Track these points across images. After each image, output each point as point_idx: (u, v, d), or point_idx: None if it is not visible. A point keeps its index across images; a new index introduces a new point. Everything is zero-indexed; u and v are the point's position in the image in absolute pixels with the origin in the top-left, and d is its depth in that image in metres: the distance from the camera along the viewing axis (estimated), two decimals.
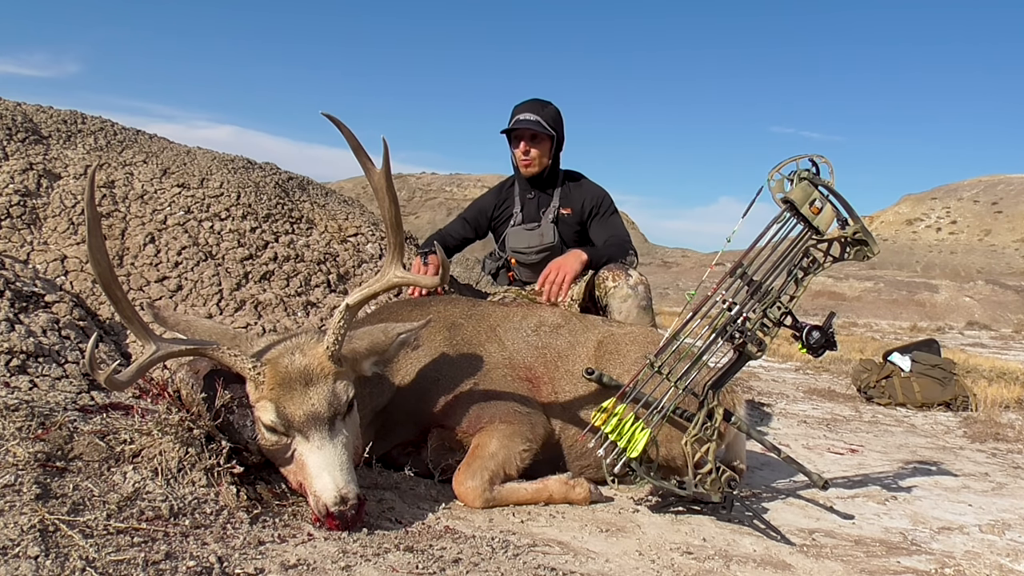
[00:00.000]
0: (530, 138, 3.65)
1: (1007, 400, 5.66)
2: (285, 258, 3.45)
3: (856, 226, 2.47)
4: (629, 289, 3.40)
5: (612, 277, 3.44)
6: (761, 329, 2.47)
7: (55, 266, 2.95)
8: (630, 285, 3.41)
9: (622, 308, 3.38)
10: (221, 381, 2.00)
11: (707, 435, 2.43)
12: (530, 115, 3.63)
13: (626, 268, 3.50)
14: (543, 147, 3.67)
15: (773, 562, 2.14)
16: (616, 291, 3.42)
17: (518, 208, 3.80)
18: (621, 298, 3.40)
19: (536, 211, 3.77)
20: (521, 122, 3.62)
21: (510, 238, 3.76)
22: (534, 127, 3.61)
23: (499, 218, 3.87)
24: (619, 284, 3.42)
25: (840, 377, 7.10)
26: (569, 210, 3.74)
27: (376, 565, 1.70)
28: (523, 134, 3.66)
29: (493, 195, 3.93)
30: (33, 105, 3.78)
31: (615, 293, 3.41)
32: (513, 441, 2.37)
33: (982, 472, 3.61)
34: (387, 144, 2.01)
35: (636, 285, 3.42)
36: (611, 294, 3.42)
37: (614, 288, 3.42)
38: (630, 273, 3.46)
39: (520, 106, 3.70)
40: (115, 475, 1.80)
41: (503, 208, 3.86)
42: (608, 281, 3.44)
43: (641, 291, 3.43)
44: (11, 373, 2.27)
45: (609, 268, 3.48)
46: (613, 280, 3.43)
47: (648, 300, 3.47)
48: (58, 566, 1.41)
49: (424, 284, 2.23)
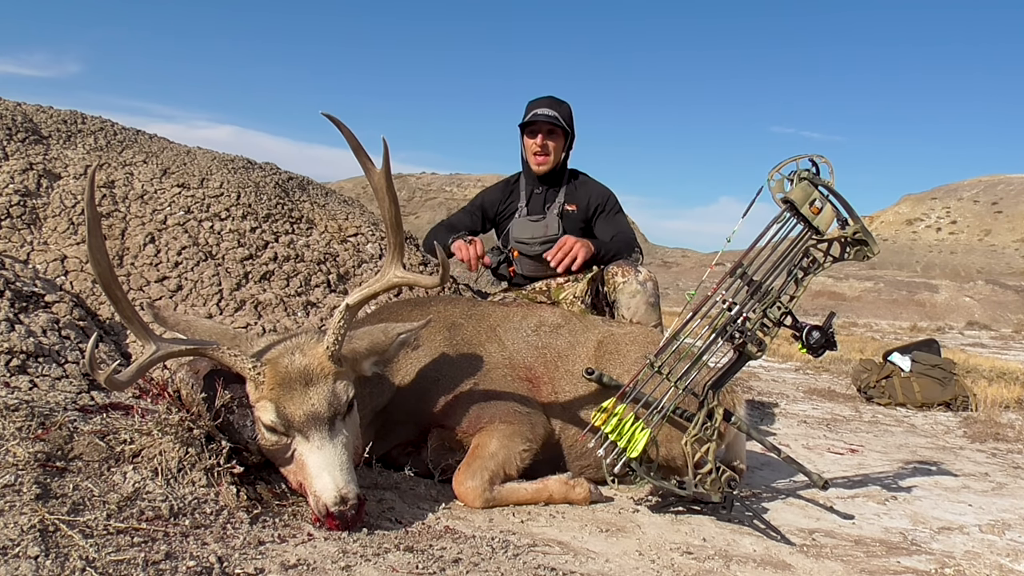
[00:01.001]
0: (547, 132, 3.68)
1: (1007, 400, 5.66)
2: (285, 258, 3.45)
3: (856, 226, 2.47)
4: (639, 285, 3.41)
5: (621, 273, 3.45)
6: (761, 329, 2.47)
7: (55, 266, 2.95)
8: (639, 281, 3.42)
9: (631, 304, 3.38)
10: (221, 381, 2.00)
11: (707, 435, 2.43)
12: (548, 110, 3.67)
13: (635, 264, 3.51)
14: (558, 142, 3.70)
15: (773, 562, 2.14)
16: (625, 287, 3.42)
17: (523, 202, 3.81)
18: (630, 294, 3.40)
19: (541, 205, 3.78)
20: (540, 115, 3.65)
21: (514, 228, 3.76)
22: (552, 121, 3.63)
23: (503, 212, 3.87)
24: (628, 280, 3.42)
25: (840, 377, 7.10)
26: (574, 206, 3.75)
27: (376, 565, 1.70)
28: (541, 127, 3.68)
29: (499, 190, 3.94)
30: (33, 105, 3.78)
31: (624, 288, 3.42)
32: (513, 441, 2.37)
33: (982, 472, 3.61)
34: (387, 144, 2.01)
35: (645, 281, 3.43)
36: (620, 289, 3.42)
37: (623, 284, 3.42)
38: (639, 269, 3.47)
39: (536, 101, 3.74)
40: (115, 475, 1.80)
41: (508, 203, 3.87)
42: (617, 277, 3.45)
43: (650, 288, 3.44)
44: (11, 373, 2.26)
45: (618, 264, 3.49)
46: (623, 276, 3.44)
47: (656, 297, 3.48)
48: (58, 566, 1.41)
49: (424, 284, 2.23)
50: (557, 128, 3.66)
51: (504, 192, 3.90)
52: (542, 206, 3.77)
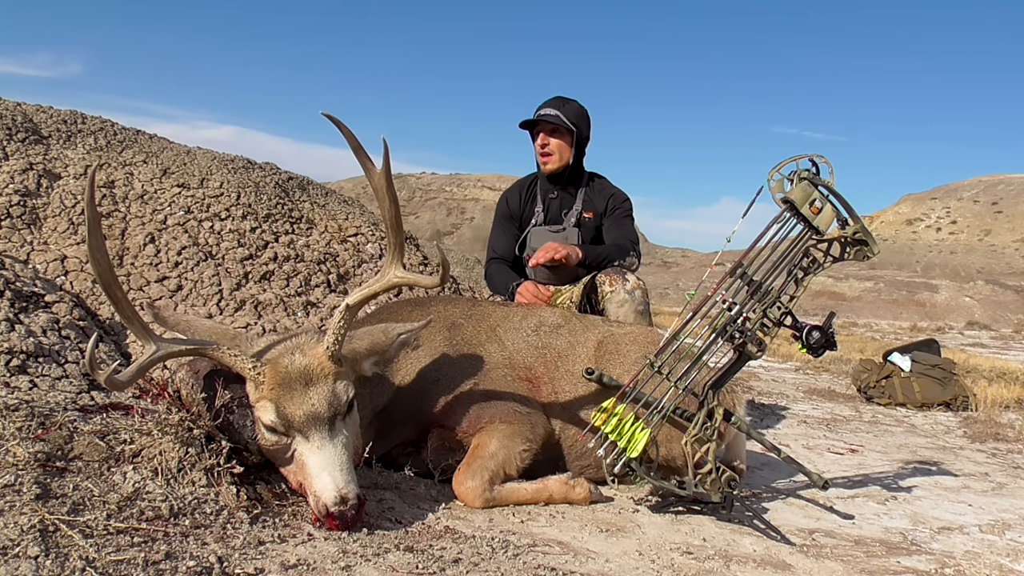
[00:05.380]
0: (550, 131, 3.66)
1: (1007, 400, 5.66)
2: (285, 258, 3.45)
3: (856, 226, 2.47)
4: (626, 294, 3.39)
5: (609, 282, 3.44)
6: (761, 329, 2.47)
7: (55, 266, 2.95)
8: (627, 290, 3.40)
9: (619, 313, 3.38)
10: (221, 381, 2.00)
11: (707, 435, 2.43)
12: (551, 109, 3.66)
13: (623, 272, 3.48)
14: (563, 141, 3.67)
15: (773, 562, 2.14)
16: (613, 296, 3.40)
17: (540, 207, 3.78)
18: (617, 303, 3.38)
19: (559, 212, 3.75)
20: (541, 115, 3.64)
21: (533, 238, 3.73)
22: (553, 120, 3.62)
23: (523, 217, 3.84)
24: (616, 289, 3.41)
25: (840, 377, 7.10)
26: (591, 214, 3.73)
27: (376, 565, 1.70)
28: (543, 127, 3.67)
29: (515, 196, 3.87)
30: (33, 105, 3.78)
31: (612, 298, 3.40)
32: (513, 441, 2.37)
33: (982, 472, 3.61)
34: (387, 144, 2.01)
35: (633, 290, 3.41)
36: (608, 299, 3.41)
37: (611, 293, 3.41)
38: (627, 277, 3.45)
39: (544, 102, 3.73)
40: (115, 475, 1.80)
41: (526, 207, 3.82)
42: (605, 286, 3.44)
43: (638, 296, 3.42)
44: (11, 373, 2.27)
45: (607, 272, 3.48)
46: (610, 285, 3.43)
47: (645, 304, 3.45)
48: (58, 566, 1.41)
49: (424, 284, 2.23)
50: (560, 127, 3.64)
51: (521, 196, 3.84)
52: (559, 212, 3.75)
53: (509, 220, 3.84)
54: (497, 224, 3.90)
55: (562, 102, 3.70)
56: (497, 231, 3.88)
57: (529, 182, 3.87)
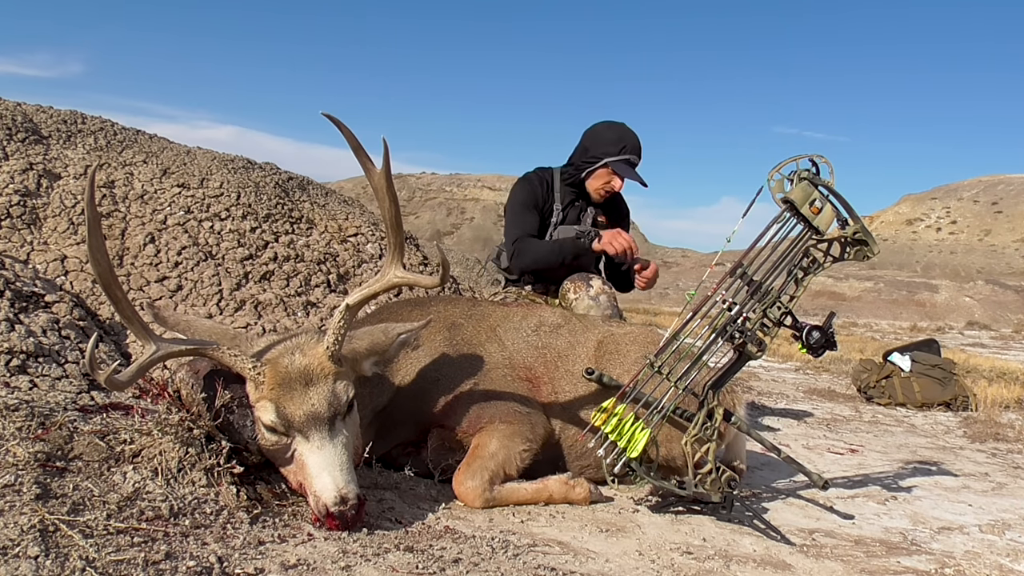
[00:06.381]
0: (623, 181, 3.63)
1: (1007, 400, 5.66)
2: (285, 258, 3.45)
3: (856, 226, 2.47)
4: (590, 300, 3.38)
5: (573, 289, 3.43)
6: (761, 329, 2.47)
7: (55, 266, 2.95)
8: (591, 296, 3.39)
9: None
10: (221, 381, 2.00)
11: (707, 435, 2.43)
12: (637, 159, 3.61)
13: (587, 278, 3.46)
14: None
15: (773, 562, 2.14)
16: (577, 303, 3.39)
17: (559, 205, 3.76)
18: (583, 310, 3.35)
19: (577, 214, 3.76)
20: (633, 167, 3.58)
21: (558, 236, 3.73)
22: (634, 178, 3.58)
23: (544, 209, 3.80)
24: (580, 296, 3.40)
25: (840, 377, 7.10)
26: (603, 218, 3.77)
27: (376, 565, 1.70)
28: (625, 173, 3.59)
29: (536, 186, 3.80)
30: (33, 105, 3.78)
31: (576, 306, 3.38)
32: (513, 441, 2.37)
33: (982, 472, 3.61)
34: (387, 144, 2.01)
35: (597, 295, 3.39)
36: (573, 307, 3.39)
37: (575, 300, 3.40)
38: (591, 283, 3.43)
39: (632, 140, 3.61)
40: (115, 475, 1.80)
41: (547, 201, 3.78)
42: (570, 293, 3.43)
43: (603, 300, 3.39)
44: (11, 373, 2.26)
45: (571, 279, 3.47)
46: (574, 292, 3.42)
47: (613, 308, 3.42)
48: (58, 566, 1.41)
49: (424, 284, 2.23)
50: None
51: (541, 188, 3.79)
52: (577, 215, 3.76)
53: (535, 207, 3.77)
54: (521, 207, 3.77)
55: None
56: (522, 213, 3.75)
57: (547, 178, 3.82)
